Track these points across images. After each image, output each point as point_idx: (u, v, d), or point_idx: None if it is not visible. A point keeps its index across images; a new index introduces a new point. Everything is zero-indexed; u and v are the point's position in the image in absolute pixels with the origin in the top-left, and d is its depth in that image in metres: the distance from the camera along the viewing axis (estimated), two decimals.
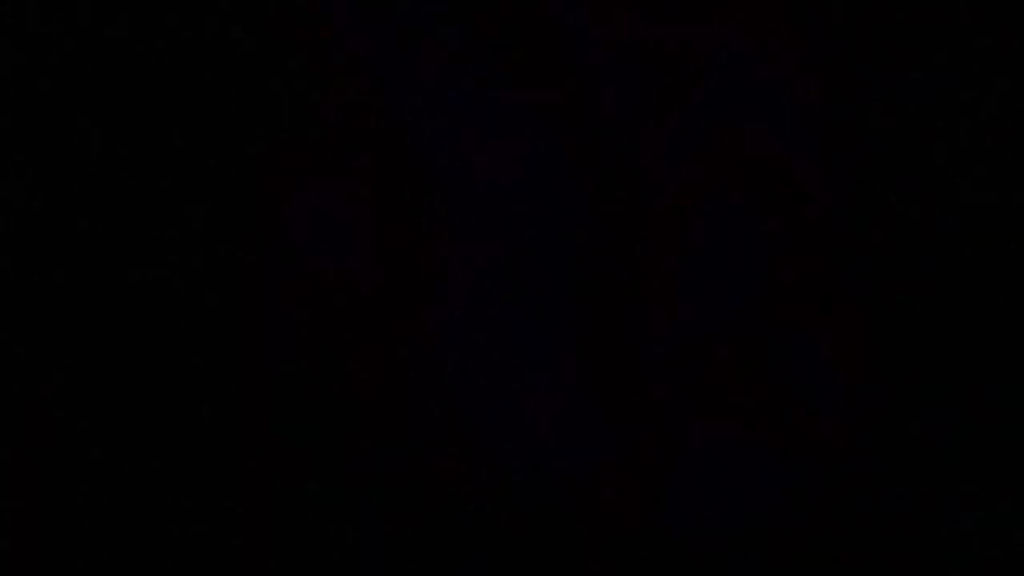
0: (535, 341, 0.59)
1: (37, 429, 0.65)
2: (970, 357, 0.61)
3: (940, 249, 0.61)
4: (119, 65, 0.66)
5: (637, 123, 0.61)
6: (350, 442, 0.62)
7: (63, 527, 0.64)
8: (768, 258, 0.61)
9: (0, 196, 0.67)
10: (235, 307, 0.65)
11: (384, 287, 0.62)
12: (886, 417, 0.61)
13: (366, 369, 0.62)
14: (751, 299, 0.61)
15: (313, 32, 0.63)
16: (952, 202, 0.61)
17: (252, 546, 0.64)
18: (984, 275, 0.61)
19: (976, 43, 0.60)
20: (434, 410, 0.60)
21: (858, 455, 0.60)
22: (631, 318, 0.60)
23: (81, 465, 0.65)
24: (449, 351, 0.60)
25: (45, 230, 0.66)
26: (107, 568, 0.64)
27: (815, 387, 0.60)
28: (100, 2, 0.66)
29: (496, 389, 0.60)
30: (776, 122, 0.61)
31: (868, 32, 0.61)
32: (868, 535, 0.60)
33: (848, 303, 0.61)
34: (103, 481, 0.64)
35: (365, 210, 0.62)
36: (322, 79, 0.63)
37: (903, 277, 0.61)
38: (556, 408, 0.59)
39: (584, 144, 0.61)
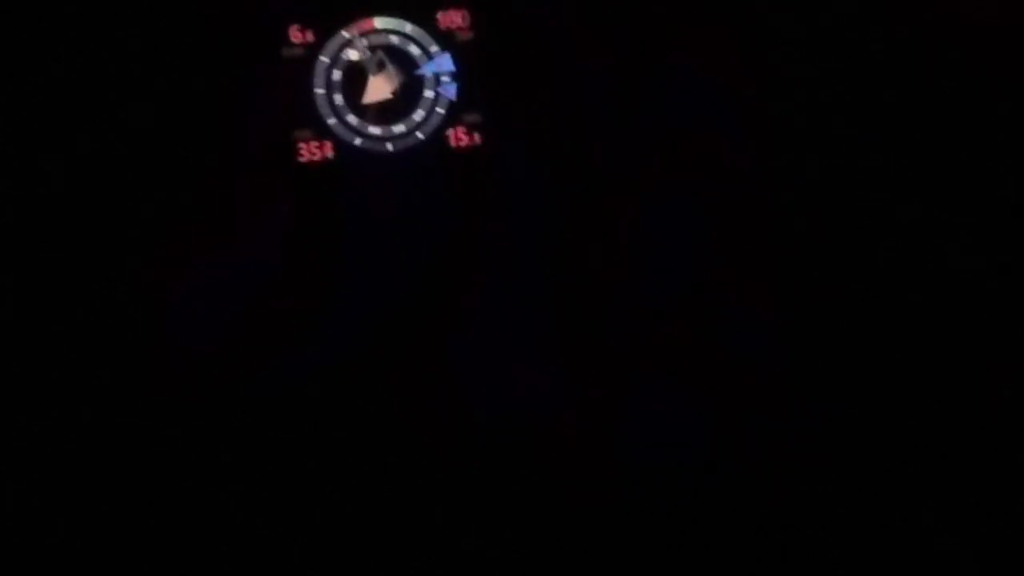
0: (513, 309, 0.64)
1: None
2: (878, 322, 0.63)
3: (853, 227, 0.64)
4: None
5: (603, 125, 0.65)
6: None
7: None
8: (709, 238, 0.64)
9: None
10: None
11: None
12: (805, 371, 0.64)
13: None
14: (694, 273, 0.64)
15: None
16: (862, 188, 0.65)
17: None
18: (890, 255, 0.64)
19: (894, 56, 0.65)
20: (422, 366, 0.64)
21: (781, 404, 0.63)
22: (593, 289, 0.64)
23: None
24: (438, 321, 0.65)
25: None
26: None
27: (746, 348, 0.63)
28: None
29: (479, 351, 0.64)
30: (721, 126, 0.65)
31: (797, 51, 0.65)
32: (788, 472, 0.62)
33: (775, 276, 0.64)
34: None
35: None
36: None
37: (822, 254, 0.64)
38: (529, 366, 0.63)
39: (559, 139, 0.65)
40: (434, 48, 0.65)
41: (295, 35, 0.65)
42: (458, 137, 0.65)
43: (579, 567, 0.62)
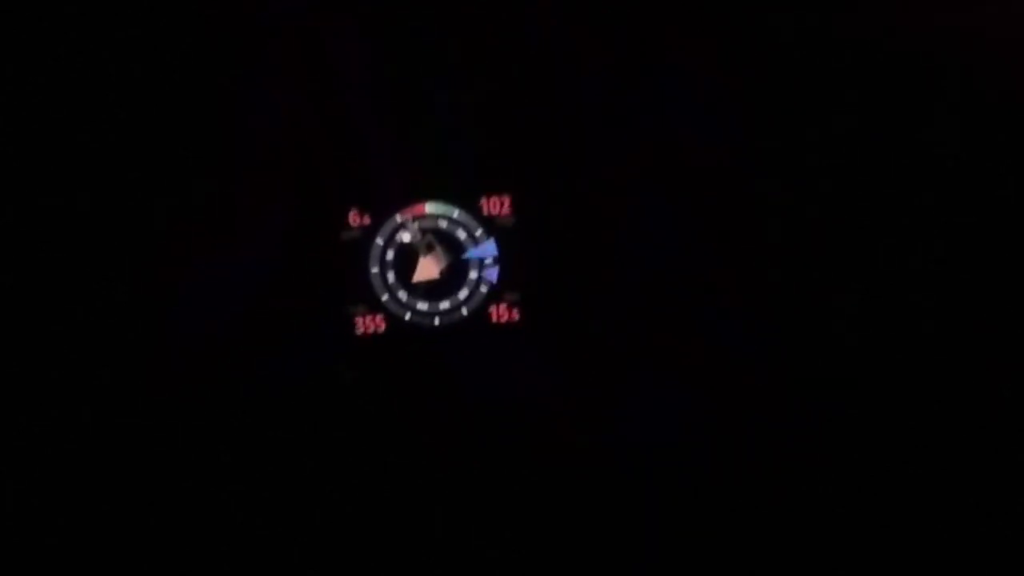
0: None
1: None
2: (869, 318, 0.67)
3: (828, 222, 0.68)
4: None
5: (596, 128, 0.70)
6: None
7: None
8: (693, 236, 0.69)
9: None
10: None
11: None
12: (797, 367, 0.68)
13: None
14: (680, 268, 0.69)
15: None
16: (856, 187, 0.68)
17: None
18: (864, 253, 0.68)
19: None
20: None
21: (773, 399, 0.67)
22: (586, 286, 0.70)
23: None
24: None
25: None
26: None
27: (729, 339, 0.68)
28: None
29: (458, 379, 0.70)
30: (704, 129, 0.69)
31: (777, 62, 0.69)
32: (781, 465, 0.66)
33: (756, 270, 0.68)
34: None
35: None
36: None
37: (802, 248, 0.68)
38: (528, 357, 0.70)
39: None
40: (479, 232, 0.72)
41: (354, 218, 0.71)
42: (499, 313, 0.72)
43: (574, 559, 0.67)
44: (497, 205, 0.72)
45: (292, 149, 0.70)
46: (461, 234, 0.72)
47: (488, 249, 0.72)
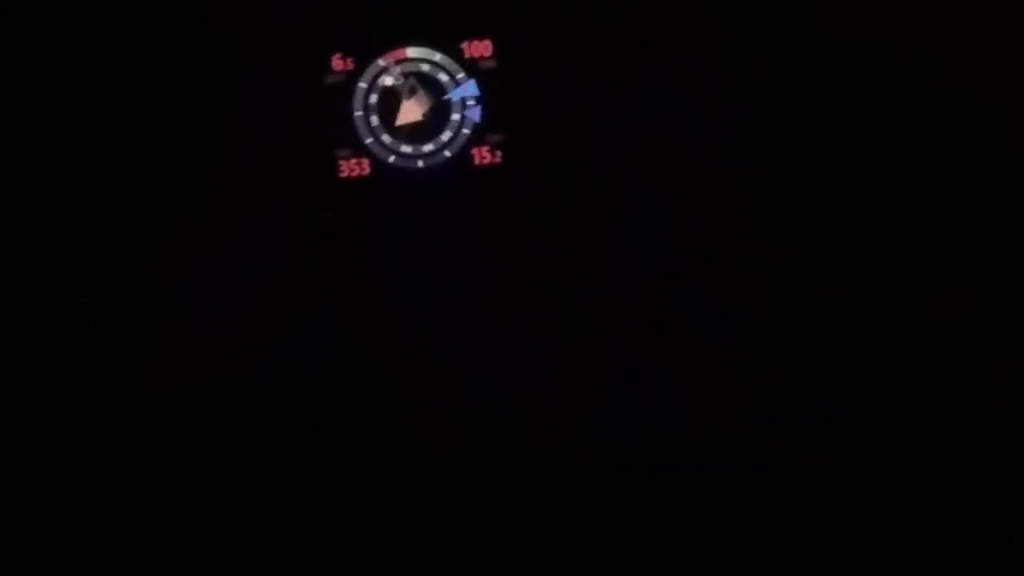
0: (510, 304, 0.71)
1: None
2: (837, 305, 0.68)
3: (808, 216, 0.69)
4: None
5: (588, 125, 0.71)
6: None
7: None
8: (678, 229, 0.70)
9: None
10: None
11: None
12: (766, 349, 0.68)
13: None
14: (665, 260, 0.69)
15: None
16: (842, 186, 0.69)
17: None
18: (843, 244, 0.69)
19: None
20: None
21: (743, 380, 0.68)
22: (576, 277, 0.70)
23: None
24: None
25: None
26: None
27: (711, 326, 0.68)
28: None
29: (474, 341, 0.71)
30: (691, 127, 0.71)
31: (761, 61, 0.71)
32: (750, 441, 0.67)
33: (740, 263, 0.69)
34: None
35: None
36: None
37: (785, 241, 0.69)
38: (519, 343, 0.70)
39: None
40: (460, 75, 0.72)
41: (337, 63, 0.72)
42: (481, 155, 0.73)
43: (565, 549, 0.67)
44: (479, 48, 0.72)
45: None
46: (443, 77, 0.73)
47: (469, 89, 0.72)
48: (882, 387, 0.68)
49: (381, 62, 0.72)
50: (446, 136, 0.73)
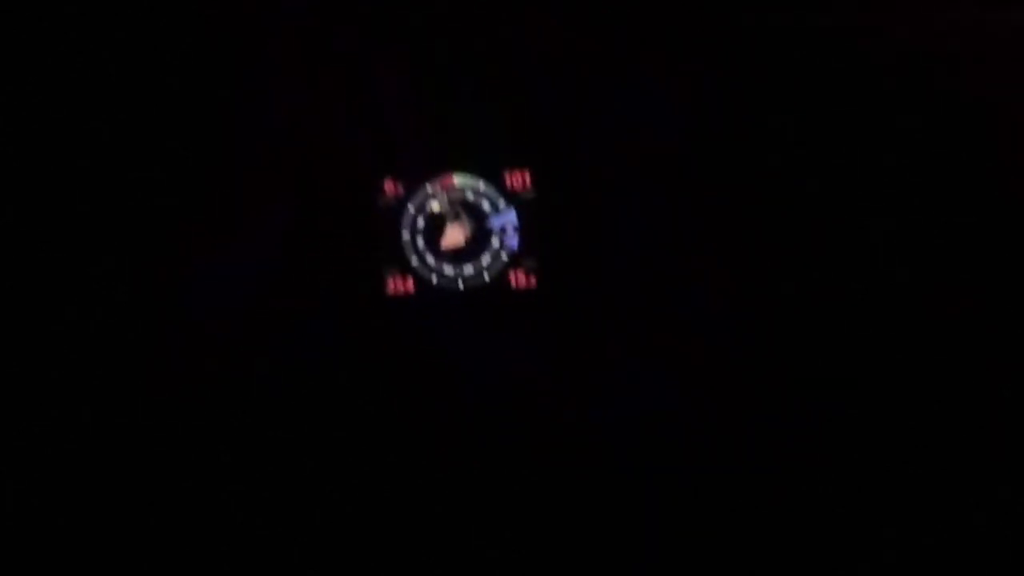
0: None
1: None
2: (837, 305, 0.71)
3: (798, 209, 0.72)
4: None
5: (568, 122, 0.75)
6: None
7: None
8: (666, 227, 0.73)
9: None
10: None
11: None
12: (760, 347, 0.71)
13: None
14: (656, 259, 0.73)
15: None
16: (798, 177, 0.72)
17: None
18: (843, 244, 0.72)
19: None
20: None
21: (738, 377, 0.71)
22: (600, 256, 0.74)
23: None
24: None
25: None
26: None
27: (705, 325, 0.71)
28: None
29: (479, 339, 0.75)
30: (665, 122, 0.74)
31: (734, 60, 0.74)
32: (749, 440, 0.69)
33: (729, 258, 0.72)
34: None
35: None
36: None
37: (773, 235, 0.72)
38: (543, 321, 0.75)
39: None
40: (501, 203, 0.78)
41: (389, 187, 0.77)
42: (518, 279, 0.78)
43: (565, 548, 0.70)
44: (519, 179, 0.78)
45: (334, 124, 0.76)
46: (485, 204, 0.78)
47: (509, 219, 0.78)
48: (882, 387, 0.70)
49: (429, 188, 0.78)
50: (485, 260, 0.78)
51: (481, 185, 0.78)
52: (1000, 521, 0.68)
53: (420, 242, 0.78)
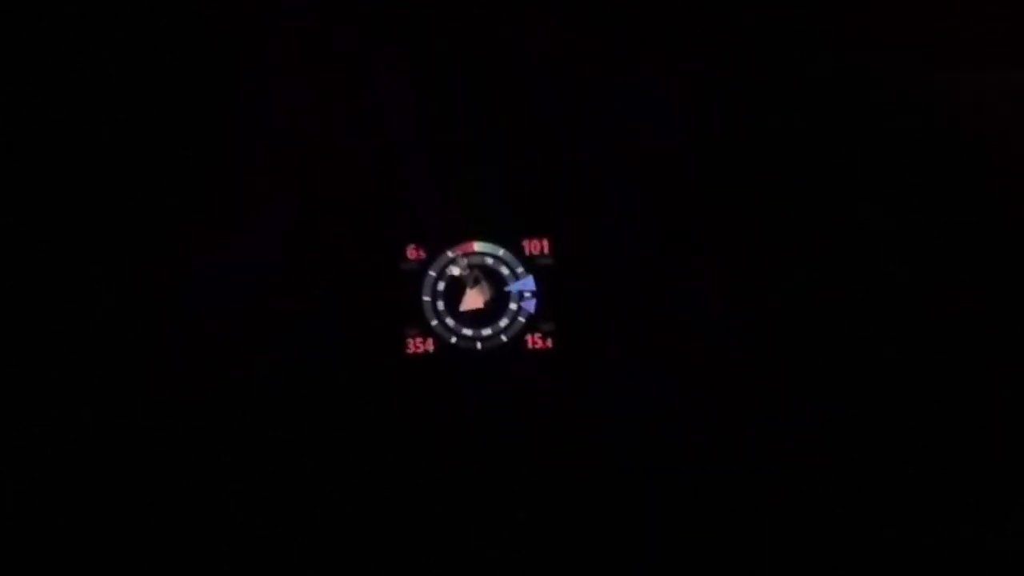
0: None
1: None
2: (837, 305, 0.72)
3: (797, 209, 0.74)
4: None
5: (565, 120, 0.77)
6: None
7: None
8: (661, 226, 0.76)
9: None
10: None
11: None
12: (758, 341, 0.73)
13: None
14: (652, 257, 0.76)
15: None
16: (798, 178, 0.74)
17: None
18: (843, 244, 0.73)
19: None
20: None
21: (734, 371, 0.73)
22: (614, 321, 0.77)
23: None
24: None
25: None
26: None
27: (702, 319, 0.74)
28: None
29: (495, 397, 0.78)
30: (662, 121, 0.76)
31: (727, 60, 0.75)
32: (741, 431, 0.72)
33: (723, 254, 0.75)
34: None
35: None
36: None
37: (767, 232, 0.74)
38: (558, 382, 0.77)
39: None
40: (520, 269, 0.81)
41: (411, 252, 0.80)
42: (534, 342, 0.81)
43: (565, 548, 0.72)
44: (537, 246, 0.80)
45: (362, 191, 0.79)
46: (504, 270, 0.81)
47: (527, 284, 0.81)
48: (882, 387, 0.72)
49: (450, 254, 0.81)
50: (503, 323, 0.81)
51: (501, 252, 0.81)
52: (1000, 521, 0.70)
53: (440, 305, 0.81)
